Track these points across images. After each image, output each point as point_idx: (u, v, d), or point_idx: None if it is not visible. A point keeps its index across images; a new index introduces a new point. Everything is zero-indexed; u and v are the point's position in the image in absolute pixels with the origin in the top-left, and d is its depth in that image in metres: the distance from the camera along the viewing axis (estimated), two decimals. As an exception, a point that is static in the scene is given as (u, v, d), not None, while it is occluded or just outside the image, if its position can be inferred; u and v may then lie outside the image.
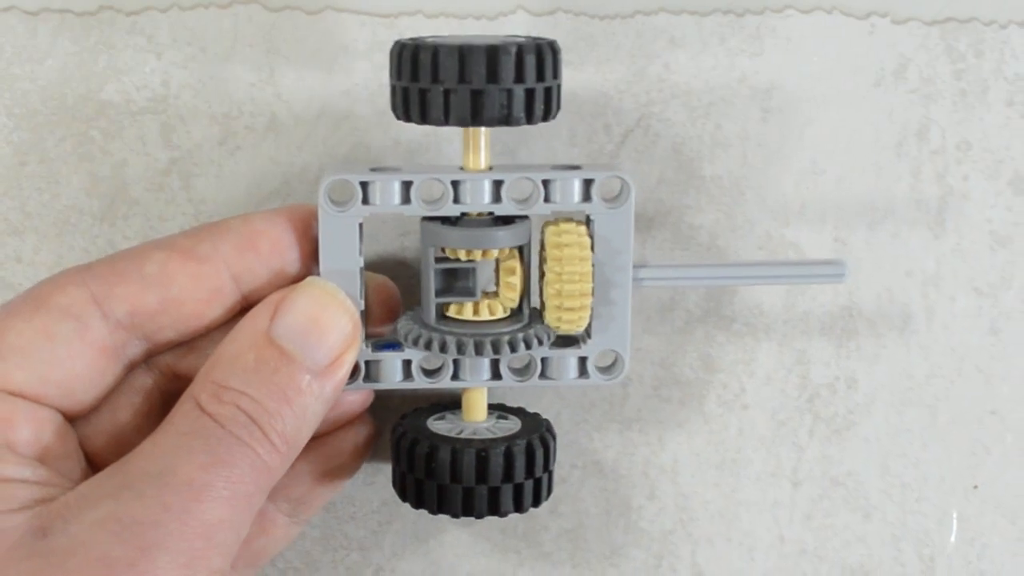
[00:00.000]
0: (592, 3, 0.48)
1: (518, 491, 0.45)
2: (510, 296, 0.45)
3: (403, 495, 0.46)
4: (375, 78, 0.48)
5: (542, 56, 0.41)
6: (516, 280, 0.45)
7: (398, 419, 0.48)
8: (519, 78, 0.41)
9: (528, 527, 0.52)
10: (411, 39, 0.42)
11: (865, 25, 0.49)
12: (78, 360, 0.41)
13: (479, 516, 0.45)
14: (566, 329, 0.44)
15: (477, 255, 0.44)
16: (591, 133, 0.49)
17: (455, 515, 0.45)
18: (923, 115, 0.49)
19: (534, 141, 0.49)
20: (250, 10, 0.48)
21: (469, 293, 0.45)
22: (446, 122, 0.41)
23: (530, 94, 0.41)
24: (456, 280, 0.45)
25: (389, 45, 0.43)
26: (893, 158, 0.50)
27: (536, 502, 0.46)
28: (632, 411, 0.51)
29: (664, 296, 0.51)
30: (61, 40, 0.48)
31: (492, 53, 0.41)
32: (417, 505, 0.46)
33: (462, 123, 0.41)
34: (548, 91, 0.42)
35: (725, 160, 0.49)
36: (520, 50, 0.41)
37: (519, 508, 0.45)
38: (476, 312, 0.45)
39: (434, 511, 0.45)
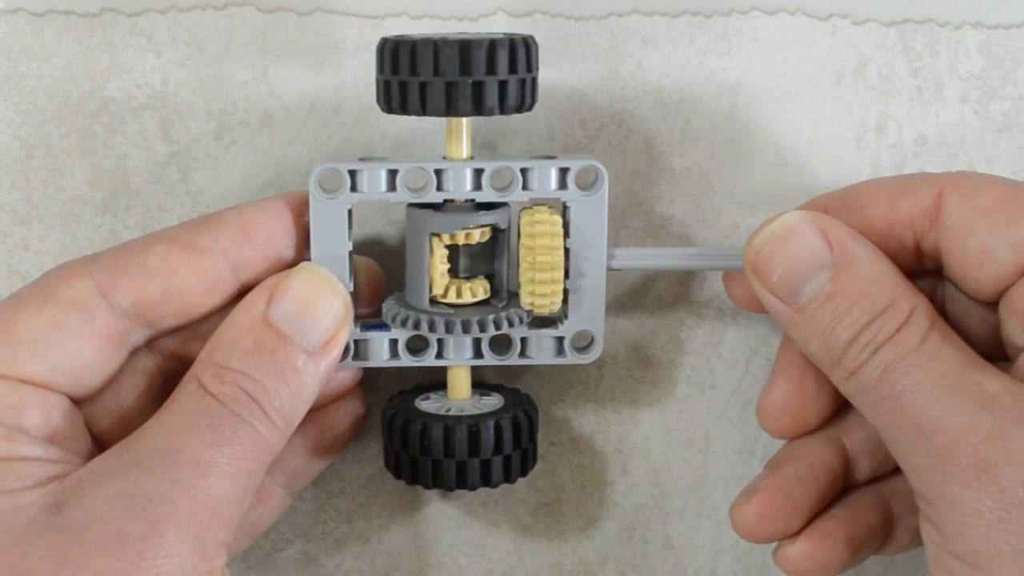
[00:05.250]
0: (568, 5, 0.49)
1: (507, 462, 0.47)
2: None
3: (397, 473, 0.48)
4: (363, 76, 0.49)
5: (514, 51, 0.43)
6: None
7: (386, 402, 0.49)
8: (491, 71, 0.42)
9: (507, 501, 0.53)
10: (396, 35, 0.43)
11: (826, 26, 0.50)
12: (85, 349, 0.43)
13: (472, 488, 0.47)
14: (540, 310, 0.46)
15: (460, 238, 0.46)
16: (568, 128, 0.50)
17: (450, 488, 0.46)
18: (881, 111, 0.50)
19: (514, 135, 0.50)
20: (245, 12, 0.49)
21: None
22: (423, 113, 0.43)
23: (503, 86, 0.43)
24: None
25: (376, 44, 0.44)
26: (853, 151, 0.51)
27: (524, 471, 0.48)
28: (606, 391, 0.53)
29: (637, 282, 0.52)
30: (65, 40, 0.49)
31: (465, 47, 0.42)
32: (412, 481, 0.47)
33: (437, 114, 0.43)
34: (522, 83, 0.43)
35: (694, 153, 0.51)
36: (493, 45, 0.42)
37: (509, 478, 0.47)
38: (459, 295, 0.46)
39: (429, 486, 0.47)
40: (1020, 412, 0.40)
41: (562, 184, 0.46)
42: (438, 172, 0.45)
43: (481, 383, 0.51)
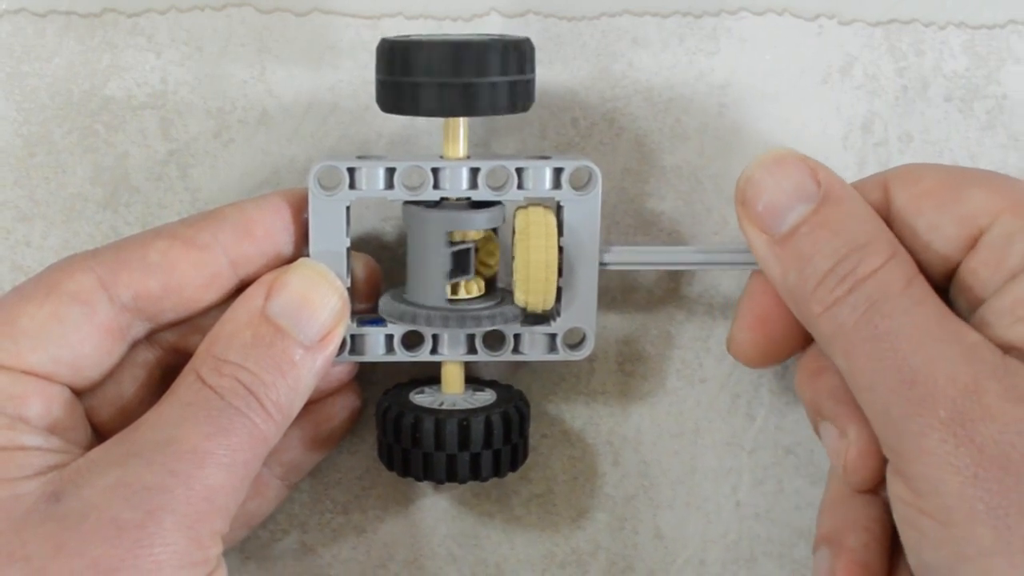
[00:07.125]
0: (560, 5, 0.50)
1: (497, 456, 0.47)
2: (487, 270, 0.47)
3: (390, 465, 0.48)
4: (359, 75, 0.50)
5: (507, 53, 0.43)
6: (492, 260, 0.47)
7: (381, 394, 0.49)
8: (482, 72, 0.43)
9: (500, 492, 0.54)
10: (396, 36, 0.44)
11: (813, 26, 0.50)
12: (86, 341, 0.43)
13: (462, 481, 0.47)
14: (533, 307, 0.46)
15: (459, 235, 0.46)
16: (560, 126, 0.51)
17: (440, 481, 0.47)
18: (868, 109, 0.51)
19: (507, 133, 0.51)
20: (243, 12, 0.49)
21: (468, 271, 0.47)
22: (418, 113, 0.43)
23: (495, 88, 0.43)
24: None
25: (372, 44, 0.44)
26: (840, 150, 0.51)
27: (514, 466, 0.48)
28: (598, 385, 0.53)
29: (627, 278, 0.52)
30: (67, 40, 0.49)
31: (457, 49, 0.42)
32: (404, 473, 0.47)
33: (431, 114, 0.43)
34: (513, 85, 0.44)
35: (684, 151, 0.51)
36: (485, 47, 0.43)
37: (498, 472, 0.47)
38: (454, 292, 0.47)
39: (420, 478, 0.47)
40: (995, 364, 0.39)
41: (556, 184, 0.46)
42: (435, 171, 0.46)
43: (476, 378, 0.51)
